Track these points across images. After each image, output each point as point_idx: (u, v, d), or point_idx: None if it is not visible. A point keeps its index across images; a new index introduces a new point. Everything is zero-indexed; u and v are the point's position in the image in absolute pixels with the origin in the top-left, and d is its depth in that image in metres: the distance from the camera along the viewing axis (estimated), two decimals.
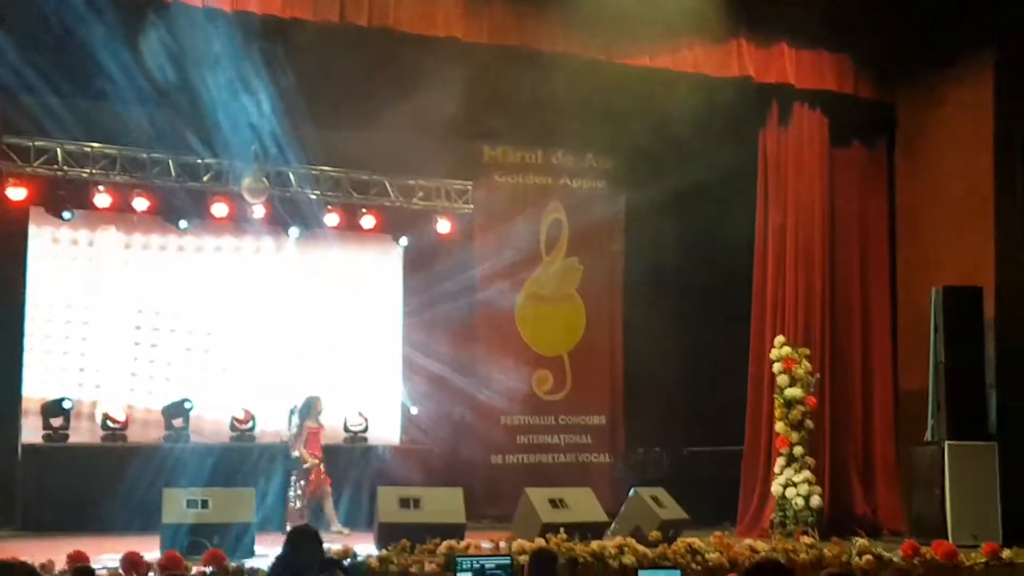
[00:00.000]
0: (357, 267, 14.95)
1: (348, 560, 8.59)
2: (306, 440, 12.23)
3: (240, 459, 12.57)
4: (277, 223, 14.28)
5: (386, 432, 14.39)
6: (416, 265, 15.01)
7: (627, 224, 15.58)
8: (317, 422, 12.36)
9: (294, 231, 14.34)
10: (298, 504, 12.00)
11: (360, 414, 14.03)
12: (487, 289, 14.73)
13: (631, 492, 11.58)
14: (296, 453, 12.25)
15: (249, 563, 8.57)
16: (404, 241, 15.11)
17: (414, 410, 14.66)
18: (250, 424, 13.54)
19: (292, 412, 13.76)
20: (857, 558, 9.87)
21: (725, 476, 13.50)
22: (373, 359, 14.78)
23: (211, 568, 8.19)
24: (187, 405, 13.31)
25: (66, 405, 12.97)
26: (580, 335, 15.50)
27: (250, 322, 14.30)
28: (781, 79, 12.89)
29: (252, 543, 9.63)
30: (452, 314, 14.53)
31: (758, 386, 12.99)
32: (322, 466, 12.19)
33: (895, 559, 9.97)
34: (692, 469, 14.50)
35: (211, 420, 13.72)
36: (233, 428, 13.51)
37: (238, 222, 14.03)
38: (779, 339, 12.66)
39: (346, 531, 11.72)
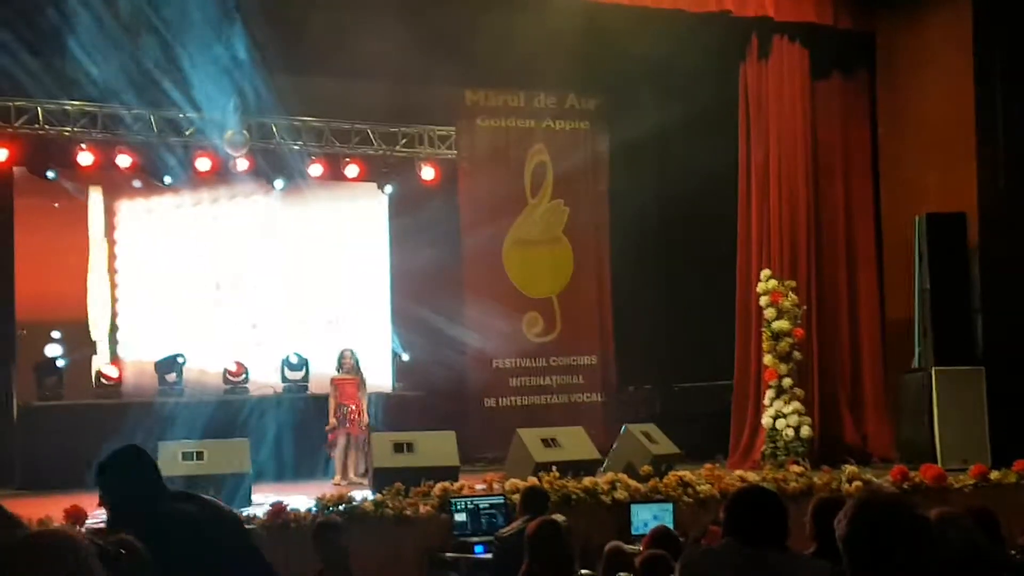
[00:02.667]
0: (343, 216, 14.89)
1: (344, 505, 8.61)
2: (336, 393, 12.17)
3: (234, 412, 12.59)
4: (261, 175, 14.20)
5: (378, 379, 14.40)
6: (401, 212, 14.94)
7: (611, 164, 15.47)
8: (347, 373, 12.26)
9: (279, 183, 14.26)
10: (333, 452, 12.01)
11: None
12: (473, 234, 14.65)
13: (623, 429, 11.60)
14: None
15: (246, 511, 8.58)
16: (389, 189, 15.03)
17: (405, 357, 14.66)
18: (243, 377, 13.55)
19: (285, 363, 13.78)
20: (847, 484, 9.92)
21: (716, 410, 13.55)
22: (362, 307, 14.75)
23: None
24: (180, 359, 13.31)
25: (60, 364, 12.92)
26: (568, 277, 15.45)
27: (239, 274, 14.27)
28: (760, 12, 12.74)
29: (249, 493, 9.68)
30: (439, 260, 14.47)
31: (746, 320, 13.00)
32: (354, 415, 12.07)
33: (885, 484, 10.03)
34: (683, 405, 14.53)
35: (205, 373, 13.70)
36: (226, 381, 13.51)
37: (222, 176, 13.93)
38: (765, 273, 12.64)
39: (365, 481, 11.73)
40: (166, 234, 14.12)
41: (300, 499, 9.33)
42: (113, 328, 13.85)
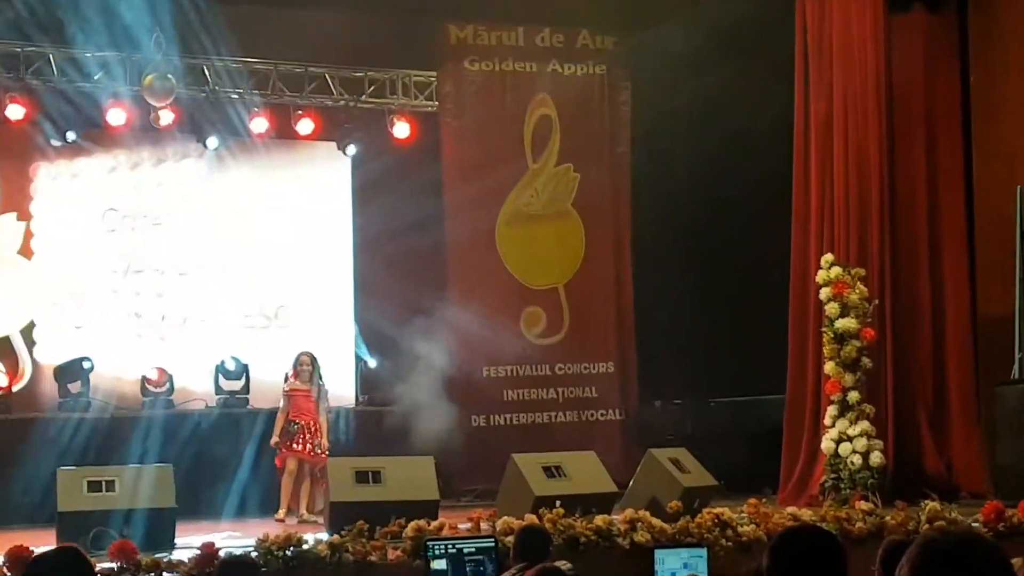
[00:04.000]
0: (294, 185, 14.85)
1: (291, 549, 8.60)
2: (287, 406, 12.19)
3: (155, 430, 12.58)
4: (190, 132, 14.19)
5: (338, 390, 14.37)
6: (368, 180, 14.92)
7: (633, 119, 15.48)
8: (304, 382, 12.26)
9: (212, 141, 14.24)
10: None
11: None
12: (459, 207, 14.66)
13: (645, 455, 11.58)
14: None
15: (168, 557, 8.57)
16: (352, 150, 15.00)
17: (372, 362, 14.65)
18: (166, 386, 13.55)
19: (219, 370, 13.79)
20: (927, 525, 9.91)
21: (762, 431, 13.52)
22: (318, 300, 14.72)
23: (119, 563, 8.19)
24: (86, 364, 13.30)
25: None
26: (578, 262, 15.46)
27: (161, 257, 14.23)
28: None
29: (172, 532, 9.65)
30: (415, 240, 14.46)
31: (801, 318, 12.97)
32: (308, 436, 12.08)
33: (974, 525, 10.03)
34: (721, 424, 14.56)
35: (120, 381, 13.73)
36: (145, 391, 13.50)
37: (141, 132, 13.91)
38: (826, 258, 12.60)
39: (320, 520, 11.73)
40: (70, 206, 14.08)
41: (237, 540, 9.32)
42: (31, 325, 13.85)
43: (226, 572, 6.47)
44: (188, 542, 9.37)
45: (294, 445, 12.00)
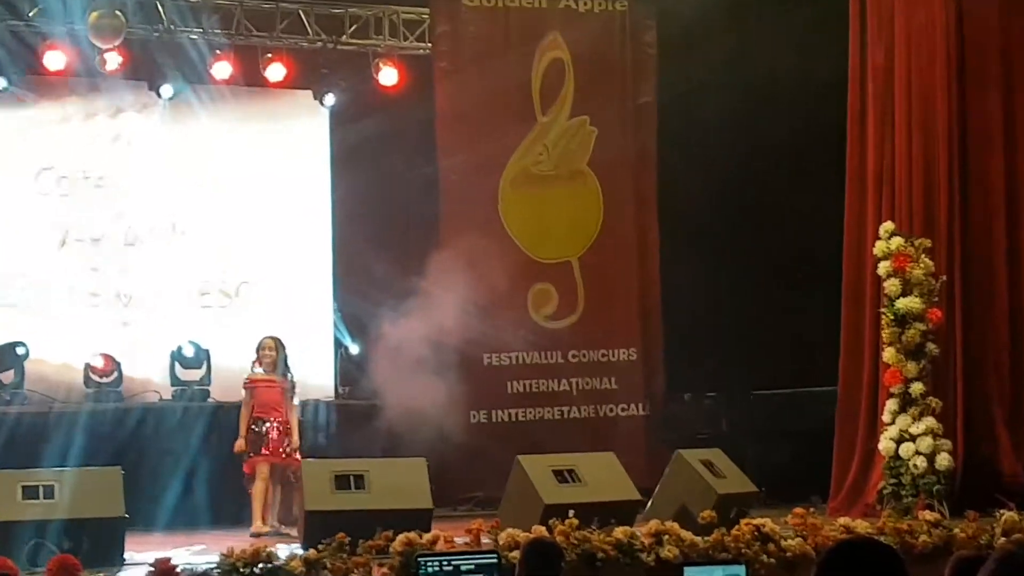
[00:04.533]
0: (261, 141, 14.85)
1: (260, 565, 8.64)
2: (250, 400, 12.20)
3: (102, 426, 12.63)
4: (142, 78, 14.16)
5: (315, 380, 14.41)
6: (349, 135, 14.92)
7: (660, 64, 15.46)
8: (269, 371, 12.28)
9: (167, 89, 14.23)
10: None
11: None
12: (455, 167, 14.65)
13: (674, 456, 11.61)
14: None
15: (117, 574, 8.61)
16: (330, 100, 14.99)
17: (354, 348, 14.66)
18: (113, 375, 13.55)
19: (175, 356, 13.80)
20: (1003, 538, 9.94)
21: (810, 429, 13.55)
22: (290, 276, 14.71)
23: None
24: (20, 350, 13.32)
25: None
26: (595, 230, 15.47)
27: (105, 225, 14.22)
28: None
29: (121, 545, 9.67)
30: (404, 205, 14.47)
31: (856, 297, 12.99)
32: (276, 435, 12.10)
33: None
34: (762, 421, 14.59)
35: (64, 369, 13.76)
36: (89, 381, 13.51)
37: (84, 78, 13.89)
38: (886, 227, 12.60)
39: (284, 528, 11.76)
40: (2, 165, 14.10)
41: (197, 555, 9.34)
42: None
43: None
44: (139, 557, 9.41)
45: (264, 448, 12.01)
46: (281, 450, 12.06)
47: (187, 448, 12.95)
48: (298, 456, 12.03)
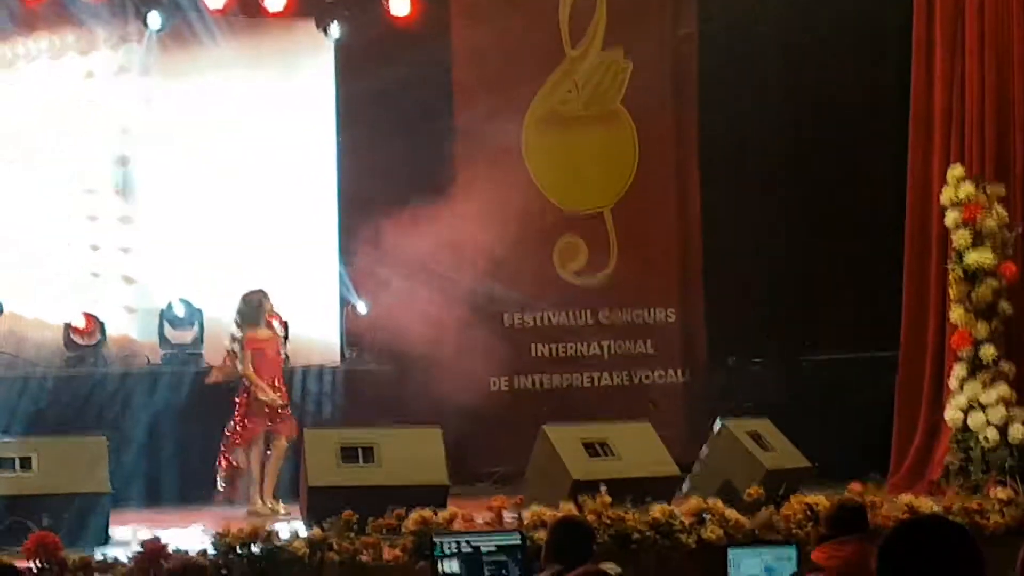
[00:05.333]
0: (259, 77, 14.80)
1: (258, 546, 8.68)
2: (251, 358, 12.25)
3: (83, 393, 12.68)
4: (126, 10, 14.13)
5: (318, 342, 14.43)
6: (357, 70, 14.88)
7: None
8: (271, 329, 12.36)
9: (154, 19, 14.18)
10: (236, 461, 12.11)
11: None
12: (473, 106, 14.65)
13: (717, 427, 11.63)
14: (215, 379, 12.36)
15: (100, 553, 8.66)
16: (336, 32, 14.94)
17: (361, 307, 14.67)
18: (96, 336, 13.57)
19: (164, 316, 13.82)
20: None
21: (869, 399, 13.59)
22: (291, 226, 14.70)
23: (39, 562, 8.28)
24: None
25: None
26: (630, 178, 15.47)
27: (93, 171, 14.22)
28: None
29: (106, 524, 9.74)
30: (416, 148, 14.43)
31: (921, 251, 12.99)
32: (281, 401, 12.20)
33: None
34: (815, 389, 14.58)
35: (42, 326, 13.84)
36: (70, 343, 13.55)
37: (62, 9, 13.86)
38: (954, 172, 12.57)
39: (281, 510, 11.81)
40: None
41: (189, 534, 9.38)
42: None
43: None
44: (126, 536, 9.45)
45: (268, 417, 12.07)
46: (289, 417, 12.11)
47: (178, 417, 12.99)
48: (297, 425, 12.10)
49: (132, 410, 12.81)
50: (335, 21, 14.90)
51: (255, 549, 8.71)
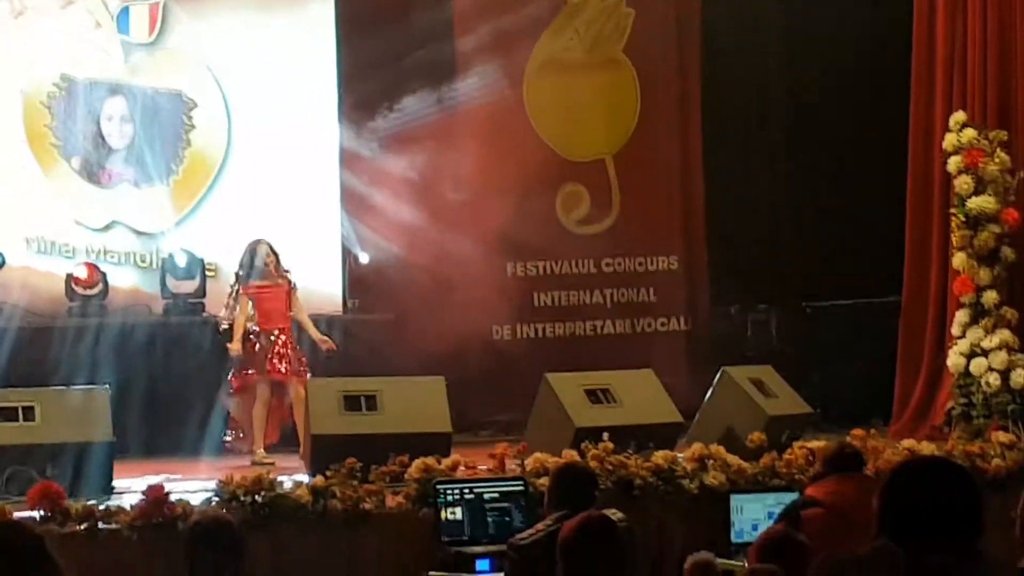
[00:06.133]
0: (258, 35, 14.71)
1: (262, 494, 8.69)
2: (250, 310, 12.28)
3: (85, 343, 12.65)
4: None
5: (321, 292, 14.42)
6: (356, 27, 14.78)
7: None
8: (271, 278, 12.36)
9: None
10: (229, 409, 12.19)
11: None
12: (473, 56, 14.58)
13: (719, 374, 11.65)
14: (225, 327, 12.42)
15: (104, 503, 8.69)
16: None
17: (363, 257, 14.65)
18: (98, 287, 13.57)
19: (166, 266, 13.82)
20: None
21: (871, 345, 13.61)
22: (293, 178, 14.66)
23: (42, 511, 8.30)
24: None
25: None
26: (632, 125, 15.41)
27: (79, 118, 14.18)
28: None
29: (109, 472, 9.76)
30: (416, 101, 14.39)
31: (922, 197, 12.97)
32: (283, 350, 12.20)
33: None
34: (817, 336, 14.59)
35: (46, 277, 13.81)
36: (72, 294, 13.55)
37: None
38: (956, 118, 12.54)
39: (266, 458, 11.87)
40: None
41: (191, 483, 9.40)
42: None
43: (198, 538, 6.36)
44: (128, 485, 9.48)
45: (269, 365, 12.07)
46: (291, 365, 12.10)
47: (181, 367, 13.02)
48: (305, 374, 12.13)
49: (134, 360, 12.80)
50: None
51: (258, 498, 8.73)
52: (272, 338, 12.17)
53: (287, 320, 12.29)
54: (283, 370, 12.10)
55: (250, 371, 12.13)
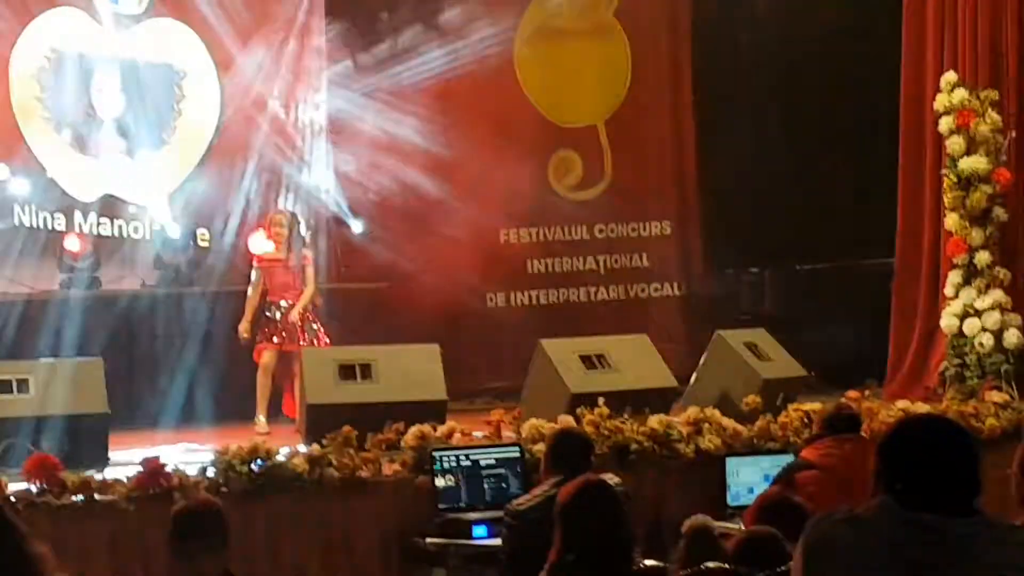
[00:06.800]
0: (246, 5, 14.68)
1: (258, 462, 8.69)
2: (259, 281, 12.31)
3: (80, 315, 12.63)
4: None
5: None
6: None
7: None
8: (277, 249, 12.37)
9: None
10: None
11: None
12: (463, 20, 14.58)
13: (714, 338, 11.66)
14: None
15: (100, 475, 8.68)
16: None
17: (356, 226, 14.63)
18: (89, 258, 13.56)
19: (160, 238, 13.80)
20: None
21: (864, 306, 13.64)
22: (285, 144, 14.62)
23: (38, 483, 8.30)
24: None
25: None
26: (623, 91, 15.43)
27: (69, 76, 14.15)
28: None
29: (104, 444, 9.77)
30: (407, 69, 14.38)
31: (914, 158, 12.96)
32: (290, 322, 12.18)
33: None
34: (811, 298, 14.65)
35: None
36: (63, 265, 13.54)
37: None
38: (948, 78, 12.52)
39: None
40: None
41: (188, 454, 9.40)
42: None
43: (182, 527, 6.30)
44: (125, 457, 9.48)
45: (276, 336, 12.09)
46: (299, 335, 12.11)
47: (174, 336, 13.01)
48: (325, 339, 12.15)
49: (132, 328, 12.80)
50: None
51: (254, 467, 8.73)
52: (281, 310, 12.16)
53: (298, 293, 12.27)
54: (287, 340, 12.11)
55: (260, 341, 12.15)
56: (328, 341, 12.19)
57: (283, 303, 12.18)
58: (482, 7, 14.64)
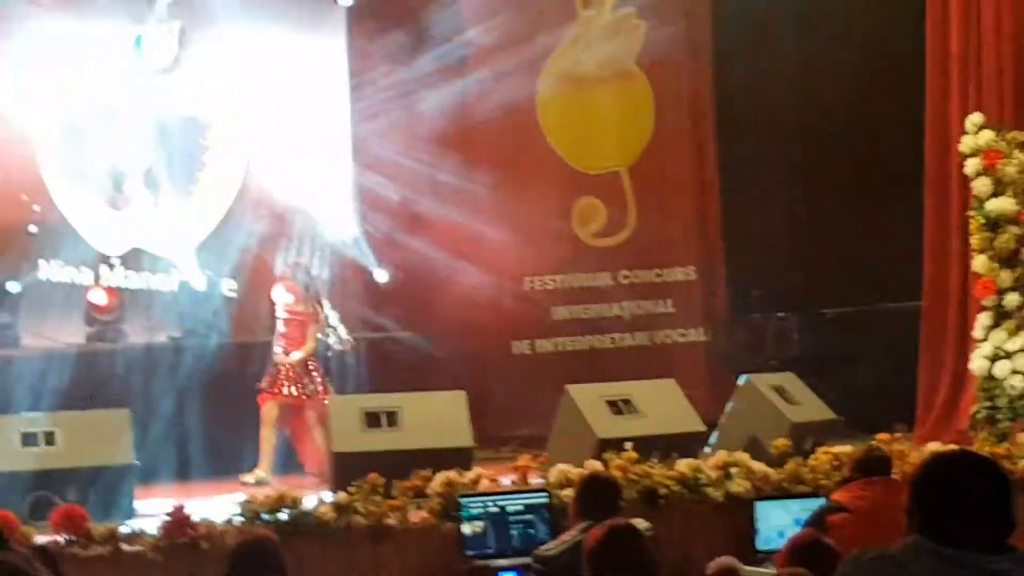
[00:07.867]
0: (271, 44, 14.72)
1: (286, 511, 8.67)
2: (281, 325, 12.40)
3: (106, 368, 12.70)
4: None
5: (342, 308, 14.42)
6: (368, 35, 14.82)
7: None
8: (300, 303, 12.42)
9: None
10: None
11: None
12: (486, 68, 14.57)
13: (742, 382, 11.61)
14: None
15: (126, 526, 8.67)
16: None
17: (381, 275, 14.65)
18: (116, 311, 13.56)
19: (185, 289, 13.81)
20: None
21: (893, 350, 13.55)
22: (308, 190, 14.65)
23: (65, 535, 8.29)
24: (11, 287, 13.37)
25: None
26: (647, 138, 15.41)
27: (96, 131, 14.20)
28: None
29: (131, 496, 9.78)
30: (431, 112, 14.40)
31: (941, 199, 12.93)
32: (291, 373, 12.22)
33: None
34: (838, 342, 14.54)
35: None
36: (91, 319, 13.55)
37: None
38: (974, 119, 12.50)
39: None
40: None
41: (214, 504, 9.37)
42: None
43: (242, 559, 6.35)
44: (151, 508, 9.46)
45: (274, 388, 12.11)
46: (298, 389, 12.10)
47: (200, 391, 12.99)
48: (323, 397, 12.10)
49: (154, 385, 12.80)
50: None
51: (281, 516, 8.73)
52: (288, 362, 12.18)
53: (300, 340, 12.29)
54: (288, 392, 12.12)
55: (264, 392, 12.15)
56: (325, 398, 12.16)
57: (295, 354, 12.20)
58: (504, 57, 14.64)
